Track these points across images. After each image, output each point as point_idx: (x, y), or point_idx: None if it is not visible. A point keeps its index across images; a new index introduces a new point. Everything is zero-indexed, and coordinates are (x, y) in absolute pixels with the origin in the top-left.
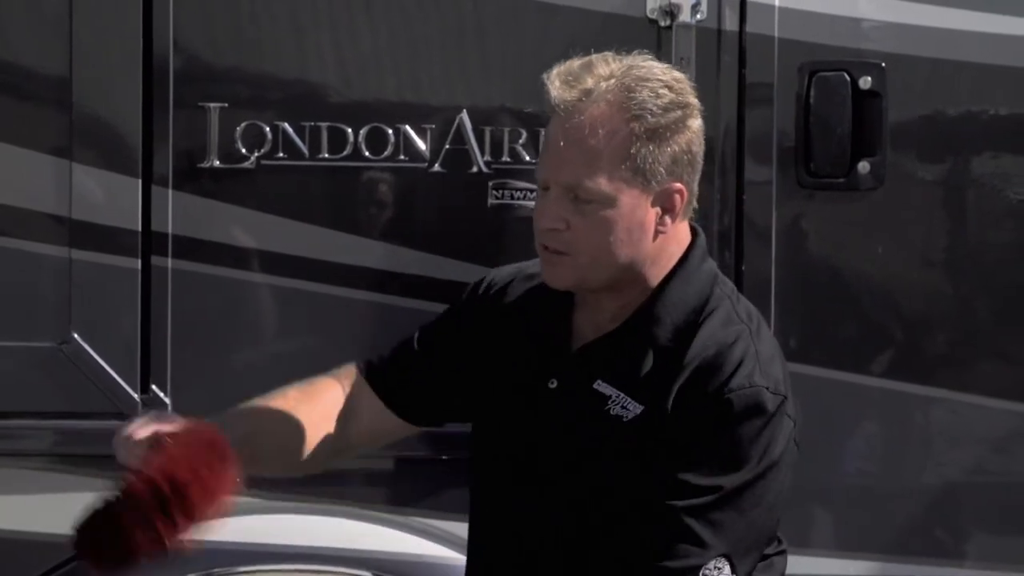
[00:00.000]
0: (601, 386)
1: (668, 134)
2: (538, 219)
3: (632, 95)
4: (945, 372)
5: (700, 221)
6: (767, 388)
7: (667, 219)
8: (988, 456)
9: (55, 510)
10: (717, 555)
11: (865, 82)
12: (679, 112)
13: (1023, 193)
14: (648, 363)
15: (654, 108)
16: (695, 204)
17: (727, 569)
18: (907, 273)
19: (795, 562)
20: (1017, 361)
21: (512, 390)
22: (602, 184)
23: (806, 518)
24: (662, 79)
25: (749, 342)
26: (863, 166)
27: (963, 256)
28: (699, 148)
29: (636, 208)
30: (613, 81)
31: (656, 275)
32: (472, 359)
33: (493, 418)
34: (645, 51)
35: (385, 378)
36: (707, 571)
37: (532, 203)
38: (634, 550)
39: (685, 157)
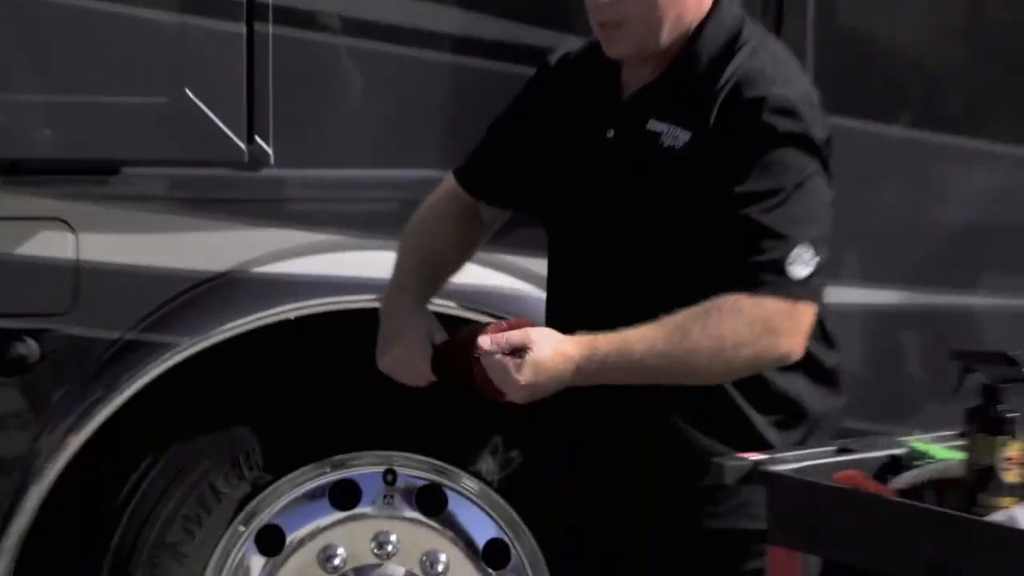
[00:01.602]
0: (653, 124)
1: None
2: None
3: None
4: (959, 122)
5: None
6: (799, 99)
7: None
8: (996, 197)
9: (169, 247)
10: (798, 243)
11: None
12: None
13: None
14: (689, 94)
15: None
16: None
17: (810, 252)
18: (930, 37)
19: (827, 292)
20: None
21: (575, 146)
22: None
23: (838, 253)
24: None
25: (776, 68)
26: None
27: (976, 25)
28: None
29: None
30: None
31: (693, 23)
32: (539, 133)
33: (562, 174)
34: None
35: (477, 181)
36: (793, 256)
37: None
38: (719, 263)
39: None
